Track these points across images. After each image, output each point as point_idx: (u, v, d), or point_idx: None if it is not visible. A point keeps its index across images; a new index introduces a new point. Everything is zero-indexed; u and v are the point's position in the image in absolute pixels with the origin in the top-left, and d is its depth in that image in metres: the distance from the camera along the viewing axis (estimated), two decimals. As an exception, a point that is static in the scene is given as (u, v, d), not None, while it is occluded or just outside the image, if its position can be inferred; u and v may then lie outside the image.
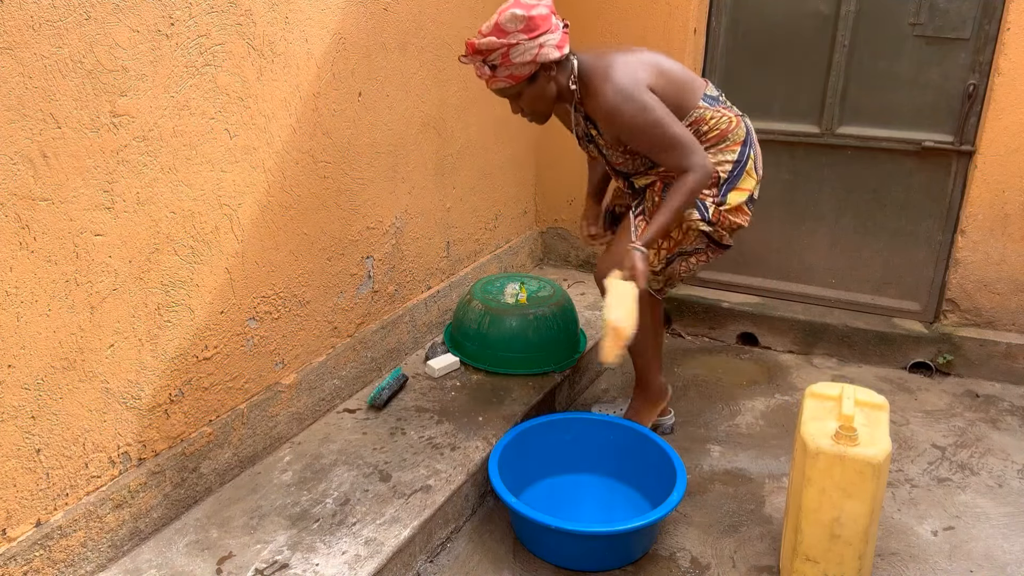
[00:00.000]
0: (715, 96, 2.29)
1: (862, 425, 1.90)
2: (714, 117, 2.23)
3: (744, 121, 2.30)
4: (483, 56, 2.03)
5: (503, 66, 2.03)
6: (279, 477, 2.18)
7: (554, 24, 2.04)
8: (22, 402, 1.60)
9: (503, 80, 2.07)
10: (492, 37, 2.00)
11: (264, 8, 2.03)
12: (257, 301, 2.19)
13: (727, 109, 2.28)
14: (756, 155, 2.32)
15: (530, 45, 2.00)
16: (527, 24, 1.98)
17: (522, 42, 1.99)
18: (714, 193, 2.26)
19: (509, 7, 1.99)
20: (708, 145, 2.23)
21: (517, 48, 1.99)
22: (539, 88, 2.12)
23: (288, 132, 2.18)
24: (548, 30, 2.02)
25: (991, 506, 2.40)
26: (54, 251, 1.61)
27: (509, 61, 2.02)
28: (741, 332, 3.53)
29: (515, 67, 2.03)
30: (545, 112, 2.21)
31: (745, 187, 2.28)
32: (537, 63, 2.04)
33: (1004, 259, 3.11)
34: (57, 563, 1.71)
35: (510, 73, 2.05)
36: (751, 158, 2.28)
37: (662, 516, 2.05)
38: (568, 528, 1.99)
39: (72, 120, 1.60)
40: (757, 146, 2.34)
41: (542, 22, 2.00)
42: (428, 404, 2.58)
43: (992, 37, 2.94)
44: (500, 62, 2.02)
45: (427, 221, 2.94)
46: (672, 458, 2.24)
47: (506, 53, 2.00)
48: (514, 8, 1.98)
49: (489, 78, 2.08)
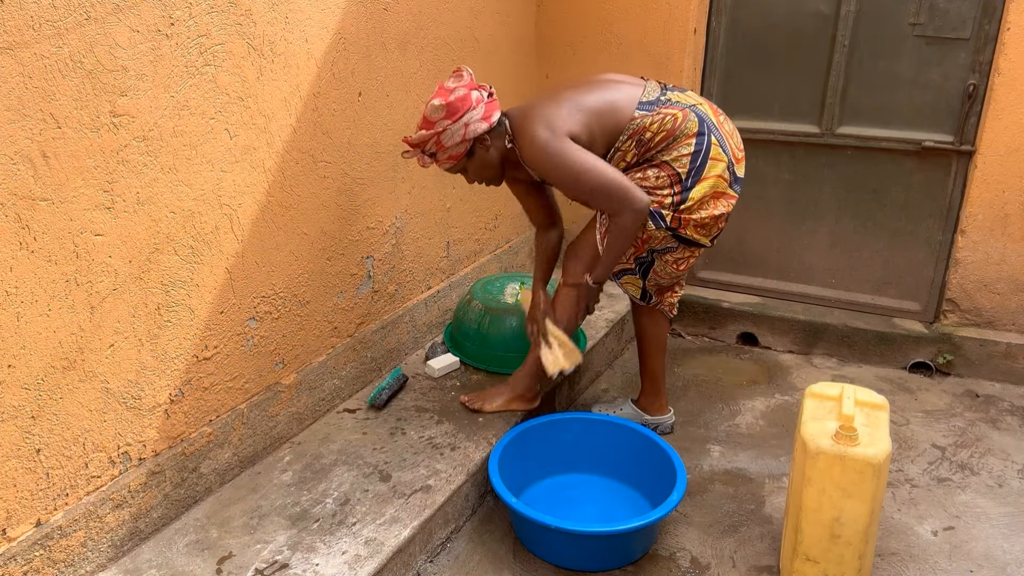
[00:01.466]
0: (654, 99, 2.28)
1: (862, 425, 1.90)
2: (655, 121, 2.24)
3: (695, 111, 2.27)
4: (421, 147, 2.21)
5: (440, 151, 2.21)
6: (279, 477, 2.18)
7: (475, 100, 2.17)
8: (22, 402, 1.61)
9: (445, 162, 2.25)
10: (423, 130, 2.18)
11: (264, 8, 2.03)
12: (257, 301, 2.19)
13: (670, 107, 2.26)
14: (721, 138, 2.29)
15: (456, 128, 2.16)
16: (447, 111, 2.14)
17: (448, 128, 2.15)
18: (674, 192, 2.25)
19: (432, 98, 2.16)
20: (659, 148, 2.25)
21: (445, 134, 2.16)
22: (479, 159, 2.27)
23: (288, 132, 2.19)
24: (469, 108, 2.16)
25: (991, 506, 2.40)
26: (54, 251, 1.61)
27: (443, 146, 2.19)
28: (741, 332, 3.53)
29: (450, 149, 2.20)
30: (495, 176, 2.35)
31: (712, 174, 2.26)
32: (469, 140, 2.20)
33: (1004, 259, 3.11)
34: (57, 563, 1.71)
35: (448, 155, 2.22)
36: (713, 143, 2.26)
37: (662, 516, 2.05)
38: (568, 528, 1.99)
39: (72, 120, 1.60)
40: (723, 128, 2.32)
41: (461, 104, 2.15)
42: (428, 404, 2.58)
43: (992, 37, 2.94)
44: (436, 149, 2.20)
45: (427, 221, 2.94)
46: (672, 458, 2.24)
47: (438, 140, 2.18)
48: (434, 99, 2.15)
49: (433, 163, 2.26)
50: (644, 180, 2.27)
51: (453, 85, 2.18)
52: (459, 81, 2.19)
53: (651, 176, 2.27)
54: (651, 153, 2.26)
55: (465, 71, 2.21)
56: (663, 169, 2.25)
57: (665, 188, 2.26)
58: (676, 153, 2.24)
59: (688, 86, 3.39)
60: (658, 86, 2.34)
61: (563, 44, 3.55)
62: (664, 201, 2.26)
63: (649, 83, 2.34)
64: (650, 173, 2.27)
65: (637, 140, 2.24)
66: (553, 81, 3.61)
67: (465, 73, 2.21)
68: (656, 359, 2.66)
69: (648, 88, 2.31)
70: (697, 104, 2.31)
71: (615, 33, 3.43)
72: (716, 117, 2.33)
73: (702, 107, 2.31)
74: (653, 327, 2.62)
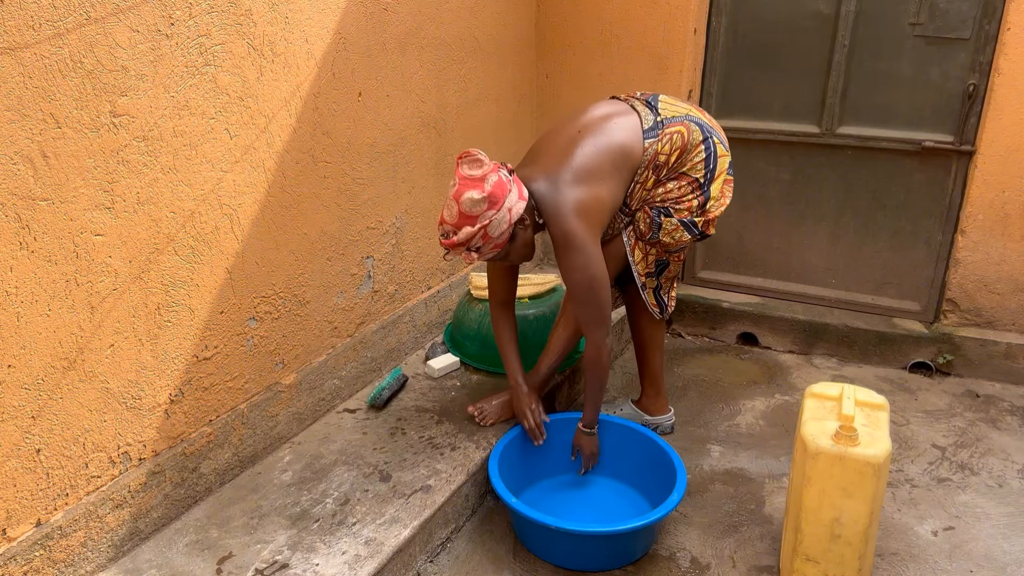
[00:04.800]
0: (652, 123, 2.27)
1: (862, 425, 1.90)
2: (665, 144, 2.25)
3: (690, 120, 2.30)
4: (465, 246, 2.05)
5: (485, 244, 2.05)
6: (279, 477, 2.18)
7: (506, 181, 2.04)
8: (22, 402, 1.61)
9: (489, 252, 2.09)
10: (466, 227, 2.00)
11: (264, 8, 2.03)
12: (257, 301, 2.19)
13: (670, 125, 2.27)
14: (717, 134, 2.35)
15: (501, 216, 2.01)
16: (489, 201, 1.99)
17: (493, 218, 2.01)
18: (697, 195, 2.31)
19: (462, 191, 1.99)
20: (673, 165, 2.28)
21: (491, 225, 2.01)
22: (520, 240, 2.14)
23: (288, 132, 2.18)
24: (507, 191, 2.02)
25: (991, 506, 2.40)
26: (54, 251, 1.61)
27: (489, 237, 2.04)
28: (741, 332, 3.53)
29: (496, 238, 2.05)
30: (532, 252, 2.24)
31: (722, 168, 2.34)
32: (512, 224, 2.05)
33: (1004, 259, 3.11)
34: (57, 563, 1.71)
35: (493, 245, 2.06)
36: (716, 143, 2.32)
37: (662, 516, 2.05)
38: (568, 528, 1.99)
39: (72, 120, 1.60)
40: (713, 124, 2.37)
41: (500, 190, 2.01)
42: (428, 404, 2.58)
43: (992, 37, 2.94)
44: (482, 243, 2.04)
45: (427, 221, 2.94)
46: (672, 458, 2.24)
47: (484, 233, 2.02)
48: (470, 192, 1.98)
49: (476, 258, 2.10)
50: (668, 194, 2.31)
51: (480, 172, 2.01)
52: (481, 167, 2.02)
53: (672, 188, 2.31)
54: (667, 172, 2.30)
55: (479, 153, 2.03)
56: (682, 179, 2.31)
57: (689, 195, 2.32)
58: (690, 164, 2.30)
59: (688, 86, 3.39)
60: (644, 107, 2.32)
61: (563, 44, 3.55)
62: (692, 205, 2.32)
63: (635, 106, 2.32)
64: (671, 186, 2.31)
65: (654, 167, 2.27)
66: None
67: (481, 156, 2.03)
68: (655, 359, 2.66)
69: (642, 114, 2.29)
70: (687, 112, 2.34)
71: (615, 33, 3.43)
72: (704, 116, 2.38)
73: (692, 112, 2.35)
74: (651, 327, 2.62)
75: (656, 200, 2.32)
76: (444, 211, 2.06)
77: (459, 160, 2.04)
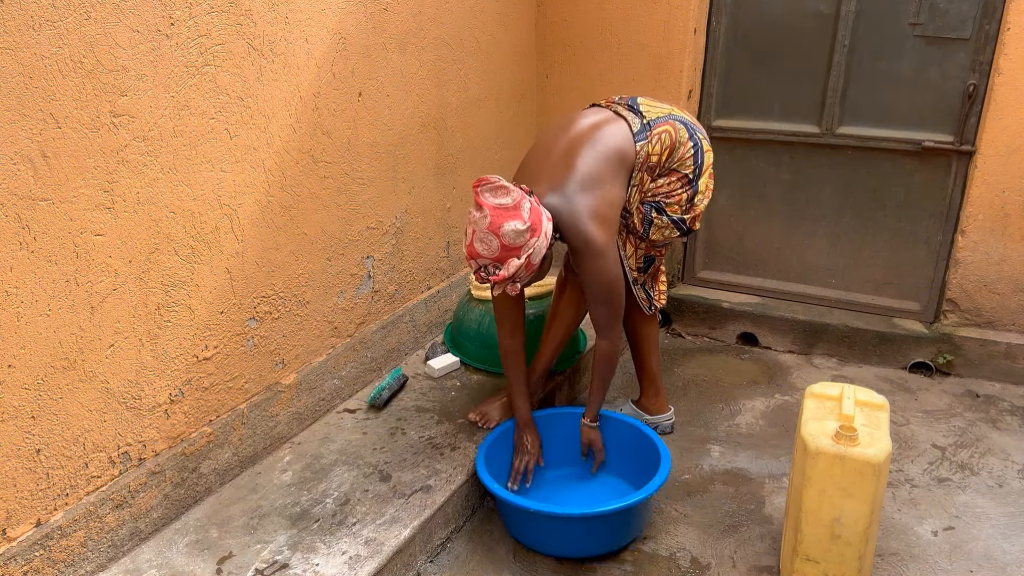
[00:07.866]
0: (640, 126, 2.28)
1: (862, 425, 1.90)
2: (654, 145, 2.28)
3: (673, 119, 2.33)
4: (512, 278, 2.01)
5: (528, 271, 2.03)
6: (279, 477, 2.18)
7: (536, 205, 2.02)
8: (22, 402, 1.61)
9: (526, 277, 2.05)
10: (512, 260, 1.96)
11: (264, 8, 2.03)
12: (257, 301, 2.19)
13: (657, 126, 2.29)
14: (700, 131, 2.40)
15: (541, 242, 1.99)
16: (532, 230, 1.96)
17: (536, 246, 1.98)
18: (685, 188, 2.36)
19: (500, 223, 1.93)
20: (668, 167, 2.33)
21: (534, 253, 1.99)
22: (547, 260, 2.12)
23: (288, 132, 2.18)
24: (542, 216, 2.01)
25: (991, 506, 2.40)
26: (54, 251, 1.61)
27: (532, 265, 2.02)
28: (741, 332, 3.53)
29: (536, 265, 2.03)
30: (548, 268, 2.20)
31: (708, 163, 2.39)
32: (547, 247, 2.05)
33: (1004, 259, 3.11)
34: (57, 563, 1.71)
35: (530, 270, 2.04)
36: (701, 139, 2.37)
37: (642, 499, 2.05)
38: (548, 511, 2.01)
39: (72, 120, 1.60)
40: (693, 121, 2.40)
41: (536, 216, 1.98)
42: (428, 404, 2.58)
43: (992, 37, 2.94)
44: (524, 272, 2.02)
45: (427, 221, 2.94)
46: (657, 444, 2.26)
47: (528, 264, 2.00)
48: (512, 223, 1.93)
49: (518, 289, 2.05)
50: (658, 188, 2.36)
51: (510, 200, 1.95)
52: (509, 193, 1.96)
53: (663, 183, 2.36)
54: (659, 170, 2.34)
55: (499, 180, 1.98)
56: (672, 175, 2.36)
57: (679, 189, 2.36)
58: (679, 160, 2.34)
59: (688, 86, 3.39)
60: (628, 111, 2.32)
61: (563, 45, 3.55)
62: (682, 199, 2.37)
63: (619, 111, 2.33)
64: (661, 181, 2.36)
65: (647, 168, 2.31)
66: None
67: (503, 182, 1.98)
68: (651, 358, 2.67)
69: (628, 118, 2.29)
70: (670, 111, 2.37)
71: (615, 33, 3.43)
72: (685, 114, 2.42)
73: (674, 111, 2.38)
74: (644, 326, 2.63)
75: (648, 195, 2.36)
76: (477, 245, 1.97)
77: (478, 188, 1.96)
